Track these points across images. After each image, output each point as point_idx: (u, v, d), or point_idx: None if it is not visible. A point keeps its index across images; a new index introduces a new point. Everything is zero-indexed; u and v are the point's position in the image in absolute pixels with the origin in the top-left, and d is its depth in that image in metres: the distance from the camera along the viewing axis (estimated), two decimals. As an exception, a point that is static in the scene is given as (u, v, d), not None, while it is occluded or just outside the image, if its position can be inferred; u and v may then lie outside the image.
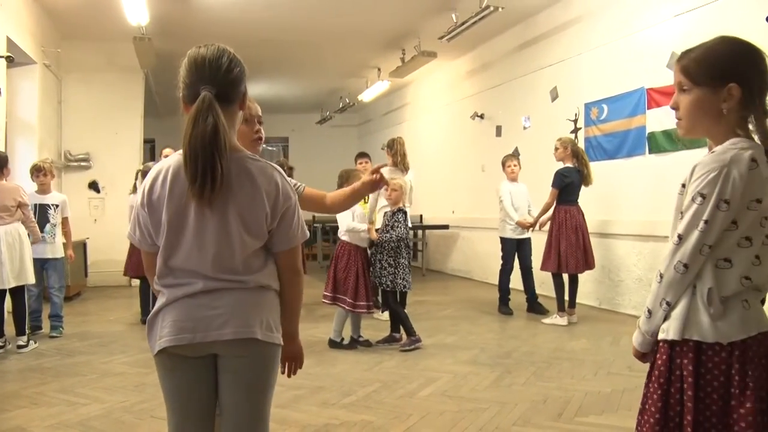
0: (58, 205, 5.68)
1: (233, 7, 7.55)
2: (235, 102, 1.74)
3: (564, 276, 6.07)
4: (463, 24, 7.41)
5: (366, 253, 5.18)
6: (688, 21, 5.75)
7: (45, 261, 5.49)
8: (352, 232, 5.08)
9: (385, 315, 5.72)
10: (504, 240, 6.72)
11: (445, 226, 10.56)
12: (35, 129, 7.62)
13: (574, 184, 6.00)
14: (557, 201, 6.03)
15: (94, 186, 9.17)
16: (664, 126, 5.92)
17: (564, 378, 4.18)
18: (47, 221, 5.55)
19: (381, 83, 11.10)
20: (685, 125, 1.67)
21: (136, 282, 6.95)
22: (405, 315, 5.15)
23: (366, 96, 11.92)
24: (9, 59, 6.26)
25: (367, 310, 5.10)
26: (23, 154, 7.24)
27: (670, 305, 1.59)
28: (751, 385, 1.49)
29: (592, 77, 7.13)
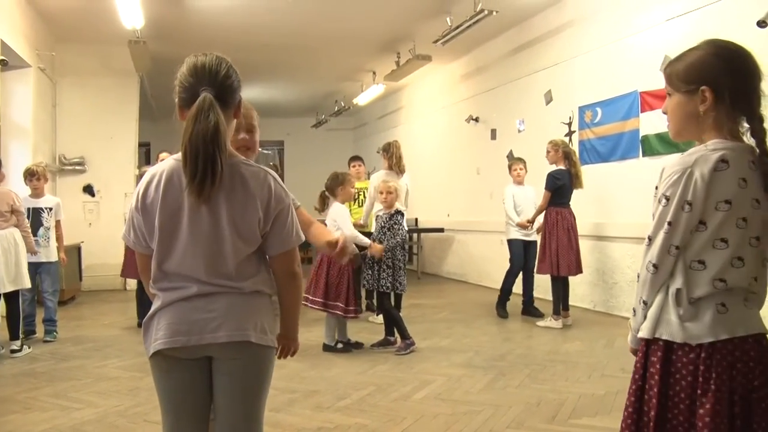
0: (51, 209, 5.65)
1: (228, 10, 7.55)
2: (230, 108, 1.75)
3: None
4: (457, 28, 7.43)
5: (353, 258, 5.21)
6: (680, 25, 5.79)
7: (39, 265, 5.46)
8: (355, 242, 5.09)
9: (380, 318, 5.73)
10: (511, 242, 6.68)
11: (441, 230, 10.58)
12: (29, 133, 7.60)
13: (566, 187, 6.01)
14: (549, 203, 6.05)
15: (88, 190, 9.14)
16: (658, 129, 5.95)
17: (558, 380, 4.19)
18: (41, 225, 5.53)
19: (376, 87, 11.12)
20: (672, 129, 1.71)
21: (131, 286, 6.93)
22: (400, 318, 5.16)
23: (361, 99, 11.94)
24: (3, 63, 6.26)
25: (355, 315, 5.21)
26: (17, 158, 7.22)
27: (646, 304, 1.63)
28: (713, 387, 1.50)
29: (585, 80, 7.16)
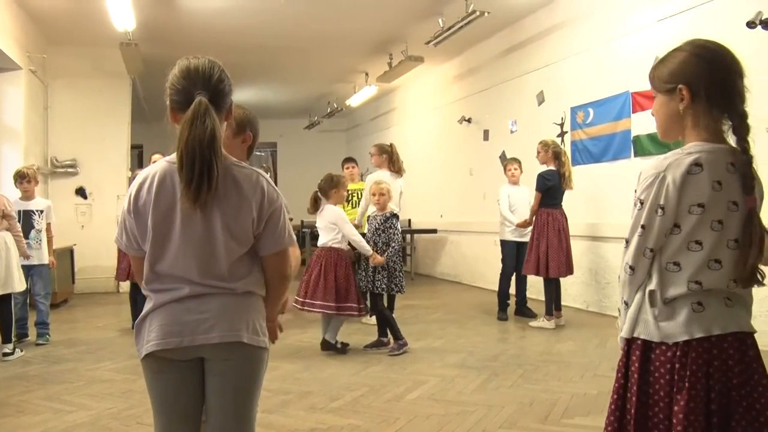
0: (42, 211, 5.62)
1: (221, 13, 7.54)
2: (223, 111, 1.77)
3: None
4: (449, 29, 7.45)
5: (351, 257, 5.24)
6: (672, 26, 5.82)
7: (31, 267, 5.43)
8: (356, 246, 5.10)
9: (373, 319, 5.73)
10: (504, 243, 6.69)
11: (434, 230, 10.59)
12: (21, 135, 7.57)
13: (557, 187, 6.00)
14: (540, 204, 6.05)
15: (81, 192, 9.11)
16: (649, 129, 5.98)
17: (551, 380, 4.21)
18: (32, 227, 5.51)
19: (369, 88, 11.13)
20: (658, 129, 1.74)
21: (124, 288, 6.91)
22: (392, 319, 5.17)
23: (354, 101, 11.95)
24: (-6, 65, 6.25)
25: (366, 312, 5.30)
26: (9, 160, 7.20)
27: (627, 304, 1.66)
28: (687, 385, 1.53)
29: (577, 81, 7.19)
